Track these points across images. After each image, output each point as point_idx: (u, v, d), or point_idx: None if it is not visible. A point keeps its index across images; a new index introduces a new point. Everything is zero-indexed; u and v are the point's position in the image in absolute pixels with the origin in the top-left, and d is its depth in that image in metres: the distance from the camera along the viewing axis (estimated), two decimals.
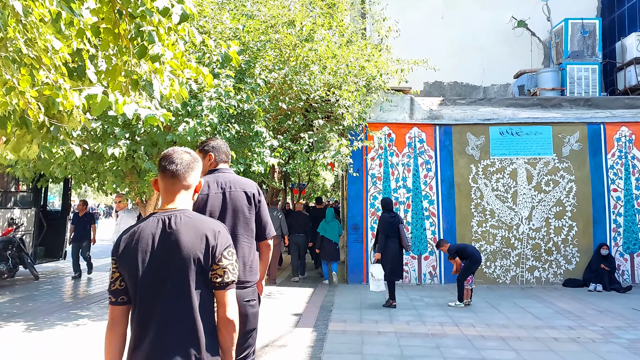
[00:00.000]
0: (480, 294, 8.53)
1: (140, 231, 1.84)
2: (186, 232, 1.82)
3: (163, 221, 1.84)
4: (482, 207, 9.58)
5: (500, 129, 9.74)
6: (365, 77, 8.69)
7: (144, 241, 1.81)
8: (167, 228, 1.82)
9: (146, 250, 1.80)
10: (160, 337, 1.74)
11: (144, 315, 1.78)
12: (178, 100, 4.18)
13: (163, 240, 1.81)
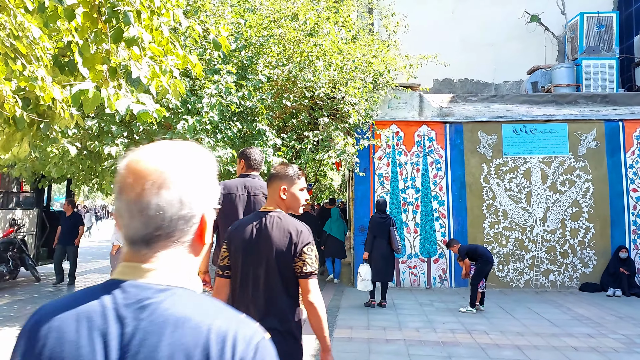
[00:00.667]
0: (493, 298, 8.20)
1: (244, 223, 2.37)
2: (276, 229, 2.28)
3: (260, 218, 2.34)
4: (495, 208, 9.24)
5: (514, 127, 9.38)
6: (373, 74, 8.40)
7: (246, 232, 2.31)
8: (263, 225, 2.31)
9: (246, 239, 2.30)
10: (255, 309, 2.19)
11: (242, 290, 2.25)
12: (175, 96, 3.96)
13: (259, 234, 2.29)
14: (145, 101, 3.50)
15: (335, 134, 7.69)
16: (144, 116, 3.42)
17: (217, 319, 0.80)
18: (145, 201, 0.82)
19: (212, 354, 0.76)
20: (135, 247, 0.85)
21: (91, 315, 0.79)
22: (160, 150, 0.87)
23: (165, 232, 0.84)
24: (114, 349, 0.77)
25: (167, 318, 0.78)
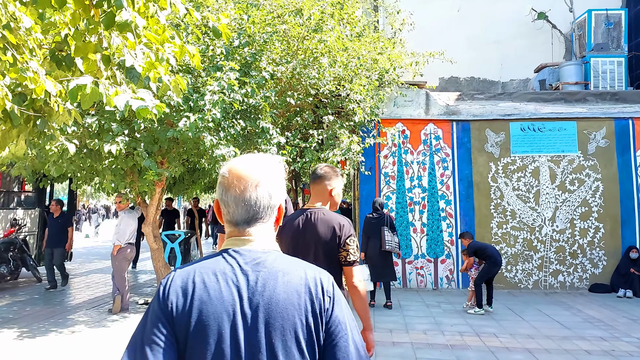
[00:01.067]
0: (501, 299, 8.03)
1: (292, 219, 2.73)
2: (321, 224, 2.62)
3: (306, 214, 2.69)
4: (503, 208, 9.07)
5: (522, 125, 9.21)
6: (378, 71, 8.25)
7: (294, 227, 2.68)
8: (309, 220, 2.65)
9: (295, 233, 2.67)
10: None
11: None
12: (176, 93, 3.85)
13: (305, 229, 2.64)
14: (145, 97, 3.39)
15: (340, 132, 7.55)
16: (143, 112, 3.33)
17: (307, 268, 1.20)
18: (247, 195, 1.19)
19: (311, 289, 1.15)
20: (240, 227, 1.21)
21: (224, 270, 1.15)
22: (252, 160, 1.25)
23: (260, 216, 1.21)
24: (244, 291, 1.12)
25: (276, 269, 1.16)
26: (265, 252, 1.19)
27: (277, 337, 1.09)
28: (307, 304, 1.13)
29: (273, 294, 1.12)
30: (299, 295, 1.13)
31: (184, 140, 6.45)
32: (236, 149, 6.28)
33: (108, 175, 6.37)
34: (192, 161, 7.33)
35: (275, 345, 1.09)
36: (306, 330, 1.12)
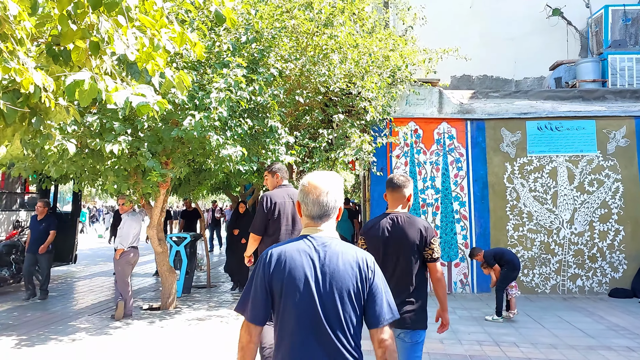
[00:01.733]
0: (518, 304, 7.70)
1: (376, 222, 3.13)
2: (408, 227, 3.02)
3: (392, 219, 3.09)
4: (519, 210, 8.74)
5: (539, 124, 8.88)
6: (390, 68, 7.97)
7: (380, 230, 3.08)
8: (396, 224, 3.05)
9: (384, 234, 3.06)
10: (396, 283, 2.95)
11: (387, 271, 2.91)
12: (180, 89, 3.61)
13: (394, 230, 3.04)
14: (146, 93, 3.16)
15: (351, 132, 7.27)
16: (144, 109, 3.14)
17: (357, 251, 1.80)
18: (321, 199, 1.80)
19: (360, 264, 1.75)
20: (314, 221, 1.82)
21: (305, 249, 1.76)
22: (324, 175, 1.87)
23: (328, 214, 1.83)
24: (317, 263, 1.73)
25: (337, 250, 1.77)
26: (330, 238, 1.81)
27: (337, 293, 1.71)
28: (356, 273, 1.74)
29: (335, 266, 1.73)
30: (352, 268, 1.74)
31: (189, 140, 6.20)
32: (243, 149, 6.02)
33: (110, 176, 6.14)
34: (198, 161, 7.09)
35: (336, 297, 1.70)
36: (355, 290, 1.73)
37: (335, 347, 1.68)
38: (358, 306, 1.73)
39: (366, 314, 1.76)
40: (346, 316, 1.70)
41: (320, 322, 1.68)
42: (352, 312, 1.71)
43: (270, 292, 1.73)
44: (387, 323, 1.76)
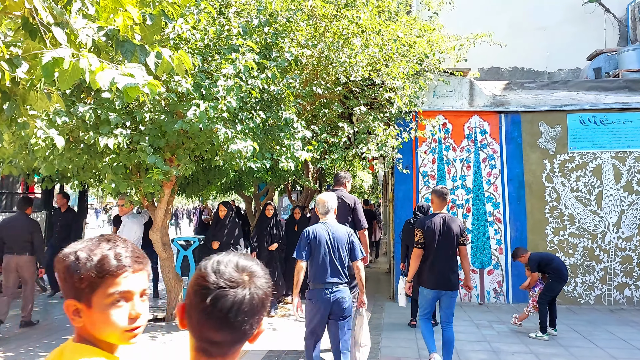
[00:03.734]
0: (561, 318, 6.91)
1: (431, 220, 4.63)
2: (452, 223, 4.62)
3: (443, 218, 4.63)
4: (559, 212, 7.92)
5: (581, 117, 8.05)
6: (417, 56, 7.23)
7: (437, 225, 4.58)
8: (445, 221, 4.61)
9: (438, 229, 4.57)
10: (443, 266, 4.53)
11: (436, 258, 4.55)
12: (180, 72, 3.01)
13: (446, 225, 4.59)
14: (135, 73, 2.57)
15: (375, 125, 6.56)
16: (132, 92, 2.52)
17: (346, 228, 4.16)
18: (326, 204, 4.19)
19: (349, 233, 4.08)
20: (323, 215, 4.17)
21: (323, 227, 4.08)
22: (325, 195, 4.29)
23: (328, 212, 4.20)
24: (330, 234, 4.02)
25: (337, 227, 4.11)
26: (333, 223, 4.10)
27: (339, 246, 3.95)
28: (347, 237, 4.01)
29: (338, 235, 3.99)
30: (345, 235, 4.02)
31: (194, 134, 5.56)
32: (255, 144, 5.35)
33: (108, 174, 5.52)
34: (206, 158, 6.45)
35: (339, 248, 3.94)
36: (346, 245, 3.98)
37: (338, 270, 3.93)
38: (348, 252, 4.01)
39: (350, 256, 4.02)
40: (342, 256, 3.97)
41: (332, 258, 3.93)
42: (345, 254, 3.99)
43: (309, 246, 3.99)
44: (358, 259, 4.03)
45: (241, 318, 0.99)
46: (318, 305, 3.85)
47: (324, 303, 3.82)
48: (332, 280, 3.83)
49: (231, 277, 1.01)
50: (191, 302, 1.02)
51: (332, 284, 3.83)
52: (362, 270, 4.01)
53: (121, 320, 1.10)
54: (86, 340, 1.11)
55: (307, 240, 3.96)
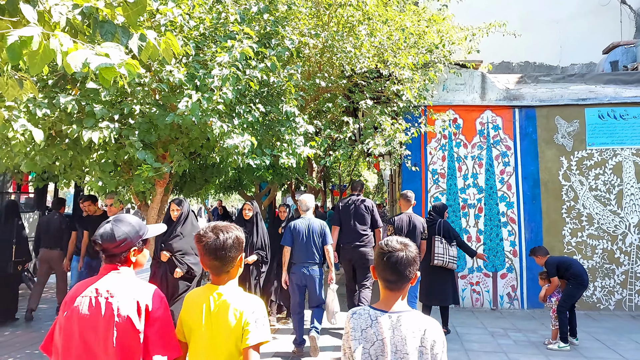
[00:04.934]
0: (579, 325, 6.47)
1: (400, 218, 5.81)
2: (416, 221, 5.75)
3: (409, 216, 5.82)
4: (577, 212, 7.48)
5: (600, 111, 7.60)
6: (426, 47, 6.82)
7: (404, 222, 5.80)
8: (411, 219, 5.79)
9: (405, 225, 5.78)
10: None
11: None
12: (167, 57, 2.68)
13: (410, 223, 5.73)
14: (110, 52, 2.24)
15: (382, 119, 6.15)
16: (106, 73, 2.22)
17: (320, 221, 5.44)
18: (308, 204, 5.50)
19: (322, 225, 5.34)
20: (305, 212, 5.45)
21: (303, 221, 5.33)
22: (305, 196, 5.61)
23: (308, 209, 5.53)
24: (308, 225, 5.29)
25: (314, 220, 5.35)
26: (310, 217, 5.33)
27: (315, 235, 5.20)
28: (320, 228, 5.26)
29: (314, 227, 5.25)
30: (319, 226, 5.28)
31: (187, 128, 5.17)
32: (252, 138, 4.96)
33: (95, 171, 5.13)
34: (202, 155, 6.07)
35: (315, 238, 5.20)
36: (319, 235, 5.23)
37: (312, 253, 5.21)
38: (321, 239, 5.25)
39: (322, 242, 5.24)
40: (317, 242, 5.22)
41: (309, 244, 5.20)
42: (319, 241, 5.24)
43: (292, 235, 5.22)
44: (328, 244, 5.25)
45: (402, 267, 1.78)
46: (298, 277, 5.21)
47: (302, 276, 5.19)
48: (308, 261, 5.20)
49: (394, 246, 1.81)
50: (376, 261, 1.85)
51: (308, 263, 5.20)
52: (331, 252, 5.26)
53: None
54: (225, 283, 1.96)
55: (291, 231, 5.27)
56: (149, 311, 1.86)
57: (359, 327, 1.77)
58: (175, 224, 5.02)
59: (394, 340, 1.71)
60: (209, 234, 1.90)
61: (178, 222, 5.05)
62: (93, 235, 1.98)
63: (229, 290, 1.90)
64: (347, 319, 1.81)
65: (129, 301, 1.85)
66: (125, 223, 1.99)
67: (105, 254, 1.95)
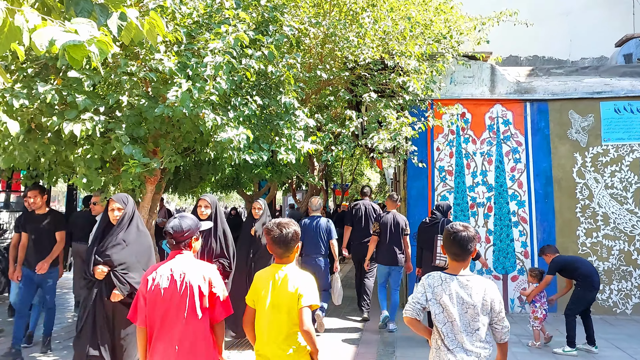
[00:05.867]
0: (596, 331, 6.12)
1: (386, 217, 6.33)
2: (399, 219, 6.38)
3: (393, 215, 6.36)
4: (592, 211, 7.11)
5: (616, 105, 7.23)
6: (433, 38, 6.46)
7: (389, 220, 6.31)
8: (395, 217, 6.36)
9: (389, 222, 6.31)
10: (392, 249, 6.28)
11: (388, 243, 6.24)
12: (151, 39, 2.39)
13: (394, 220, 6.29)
14: (80, 28, 1.99)
15: (387, 112, 5.79)
16: (75, 52, 1.94)
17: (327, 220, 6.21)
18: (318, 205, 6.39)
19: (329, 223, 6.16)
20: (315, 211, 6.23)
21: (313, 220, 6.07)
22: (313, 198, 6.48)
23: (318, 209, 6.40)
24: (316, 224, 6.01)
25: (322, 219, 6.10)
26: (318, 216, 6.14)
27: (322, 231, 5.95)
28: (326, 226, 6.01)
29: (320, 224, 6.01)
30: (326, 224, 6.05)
31: (179, 120, 4.83)
32: (248, 131, 4.61)
33: (80, 167, 4.79)
34: (197, 150, 5.73)
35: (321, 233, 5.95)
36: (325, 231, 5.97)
37: (319, 246, 5.92)
38: (326, 234, 5.96)
39: (327, 236, 5.96)
40: (323, 237, 5.93)
41: (317, 239, 5.91)
42: (325, 236, 5.95)
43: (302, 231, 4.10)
44: (333, 239, 5.99)
45: (464, 243, 2.33)
46: (307, 266, 5.61)
47: (311, 266, 5.72)
48: (316, 253, 5.91)
49: (458, 228, 2.38)
50: (445, 239, 2.42)
51: (316, 254, 5.90)
52: (335, 246, 6.04)
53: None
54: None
55: (301, 227, 4.92)
56: (211, 282, 2.57)
57: (431, 285, 2.36)
58: (116, 228, 3.63)
59: (460, 294, 2.28)
60: (275, 229, 2.54)
61: (120, 226, 3.64)
62: (165, 227, 2.64)
63: (289, 269, 2.52)
64: (424, 279, 2.42)
65: (197, 275, 2.55)
66: (188, 218, 2.68)
67: (175, 242, 2.61)
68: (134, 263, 3.57)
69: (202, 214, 4.57)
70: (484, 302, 2.25)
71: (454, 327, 2.25)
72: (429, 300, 2.31)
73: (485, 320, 2.26)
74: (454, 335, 2.26)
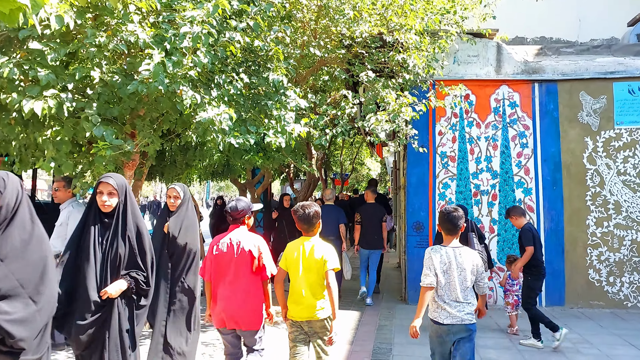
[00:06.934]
0: (607, 324, 5.78)
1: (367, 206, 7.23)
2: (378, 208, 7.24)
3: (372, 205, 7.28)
4: (603, 199, 6.70)
5: (630, 86, 6.78)
6: (435, 13, 6.00)
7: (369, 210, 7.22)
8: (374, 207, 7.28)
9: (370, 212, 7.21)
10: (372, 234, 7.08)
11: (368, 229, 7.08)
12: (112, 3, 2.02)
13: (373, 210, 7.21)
14: None
15: (386, 92, 5.36)
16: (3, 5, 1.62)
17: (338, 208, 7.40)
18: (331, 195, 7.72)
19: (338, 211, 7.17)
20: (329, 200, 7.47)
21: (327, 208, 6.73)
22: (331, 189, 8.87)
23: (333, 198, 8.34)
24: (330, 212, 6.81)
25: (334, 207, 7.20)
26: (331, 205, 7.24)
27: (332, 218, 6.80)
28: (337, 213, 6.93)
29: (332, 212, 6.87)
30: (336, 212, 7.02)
31: (156, 99, 4.41)
32: (230, 110, 4.19)
33: (49, 150, 4.38)
34: (179, 133, 5.32)
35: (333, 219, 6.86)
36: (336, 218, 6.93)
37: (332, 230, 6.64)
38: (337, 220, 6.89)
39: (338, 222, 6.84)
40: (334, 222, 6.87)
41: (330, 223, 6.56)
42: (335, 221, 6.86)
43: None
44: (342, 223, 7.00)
45: (456, 220, 3.08)
46: None
47: None
48: (328, 235, 6.00)
49: (450, 209, 3.14)
50: (440, 218, 3.19)
51: (328, 236, 5.71)
52: (342, 230, 6.91)
53: None
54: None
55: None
56: (259, 248, 3.29)
57: (436, 255, 3.05)
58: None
59: (457, 261, 3.02)
60: (299, 210, 3.26)
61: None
62: (225, 207, 3.45)
63: (314, 240, 3.25)
64: (428, 252, 3.09)
65: (249, 243, 3.28)
66: (242, 201, 3.45)
67: (232, 218, 3.36)
68: (14, 287, 1.95)
69: (172, 206, 3.96)
70: (472, 266, 3.03)
71: (451, 285, 2.98)
72: (436, 268, 3.00)
73: (473, 279, 3.03)
74: (451, 292, 2.99)
